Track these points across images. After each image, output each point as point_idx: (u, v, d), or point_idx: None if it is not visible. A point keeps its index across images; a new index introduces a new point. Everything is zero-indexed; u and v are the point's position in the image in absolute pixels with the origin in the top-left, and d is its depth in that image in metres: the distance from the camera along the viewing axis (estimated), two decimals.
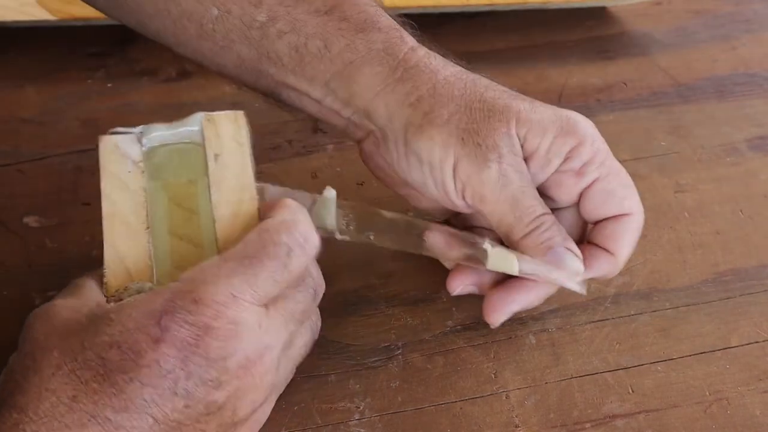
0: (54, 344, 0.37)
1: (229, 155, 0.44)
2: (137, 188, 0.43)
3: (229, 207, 0.43)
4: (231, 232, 0.42)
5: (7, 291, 0.52)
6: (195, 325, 0.37)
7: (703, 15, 0.69)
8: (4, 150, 0.58)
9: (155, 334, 0.36)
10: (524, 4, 0.66)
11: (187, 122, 0.45)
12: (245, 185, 0.43)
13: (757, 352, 0.50)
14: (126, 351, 0.36)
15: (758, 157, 0.60)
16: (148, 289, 0.40)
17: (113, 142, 0.45)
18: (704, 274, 0.54)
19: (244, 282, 0.38)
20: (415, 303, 0.52)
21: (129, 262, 0.41)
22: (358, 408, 0.47)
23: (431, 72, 0.47)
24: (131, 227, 0.42)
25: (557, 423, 0.47)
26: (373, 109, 0.47)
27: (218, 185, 0.43)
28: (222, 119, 0.45)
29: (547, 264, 0.46)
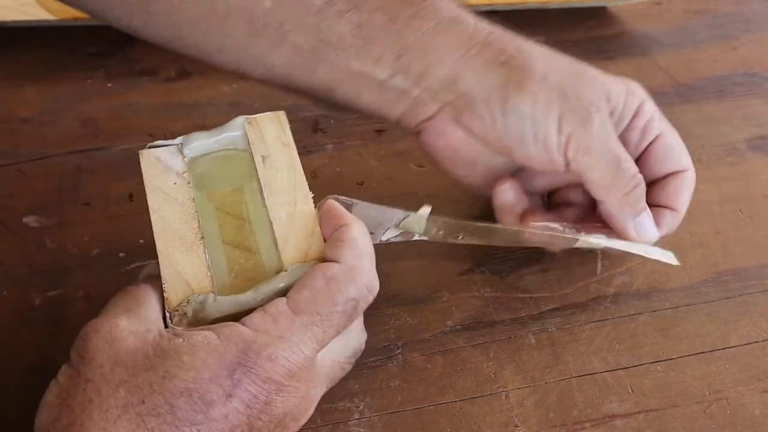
0: (121, 379, 0.36)
1: (276, 156, 0.44)
2: (185, 200, 0.43)
3: (284, 208, 0.42)
4: (289, 233, 0.42)
5: (7, 291, 0.52)
6: (267, 382, 0.37)
7: (703, 15, 0.69)
8: (4, 150, 0.58)
9: (228, 387, 0.36)
10: (524, 4, 0.66)
11: (227, 128, 0.45)
12: (297, 184, 0.43)
13: (757, 351, 0.50)
14: (197, 401, 0.36)
15: (758, 157, 0.60)
16: (212, 300, 0.39)
17: (154, 156, 0.44)
18: (704, 274, 0.54)
19: (315, 341, 0.39)
20: (415, 303, 0.52)
21: (188, 275, 0.41)
22: (358, 408, 0.47)
23: (509, 37, 0.48)
24: (185, 240, 0.42)
25: (557, 423, 0.47)
26: (457, 74, 0.46)
27: (270, 187, 0.43)
28: (264, 121, 0.45)
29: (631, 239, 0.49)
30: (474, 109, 0.47)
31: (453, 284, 0.52)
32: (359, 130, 0.60)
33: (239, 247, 0.42)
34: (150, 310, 0.39)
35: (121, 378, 0.36)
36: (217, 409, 0.36)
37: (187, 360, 0.36)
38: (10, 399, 0.48)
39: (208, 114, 0.60)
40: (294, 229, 0.42)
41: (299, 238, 0.41)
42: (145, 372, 0.36)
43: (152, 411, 0.35)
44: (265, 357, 0.37)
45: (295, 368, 0.38)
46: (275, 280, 0.40)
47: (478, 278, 0.53)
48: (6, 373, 0.48)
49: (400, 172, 0.58)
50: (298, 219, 0.42)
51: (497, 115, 0.46)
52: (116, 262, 0.53)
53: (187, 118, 0.60)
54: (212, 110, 0.60)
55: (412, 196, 0.56)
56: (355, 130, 0.60)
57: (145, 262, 0.52)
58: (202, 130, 0.45)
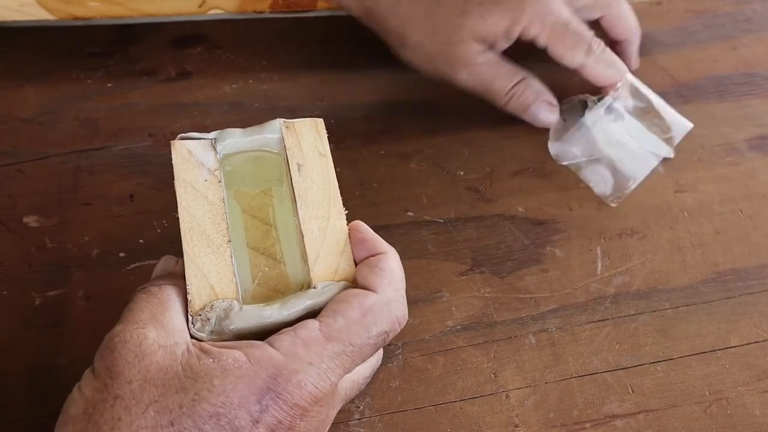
0: (151, 399, 0.35)
1: (312, 166, 0.43)
2: (216, 199, 0.41)
3: (317, 222, 0.41)
4: (320, 249, 0.41)
5: (7, 291, 0.52)
6: (294, 408, 0.37)
7: (703, 15, 0.69)
8: (4, 150, 0.58)
9: (255, 412, 0.36)
10: None
11: (264, 129, 0.44)
12: (332, 199, 0.42)
13: (757, 351, 0.50)
14: (225, 426, 0.35)
15: (758, 157, 0.60)
16: (237, 309, 0.39)
17: (186, 149, 0.43)
18: (704, 274, 0.54)
19: (343, 369, 0.39)
20: (415, 303, 0.52)
21: (213, 279, 0.40)
22: (358, 408, 0.47)
23: None
24: (212, 242, 0.40)
25: (557, 423, 0.47)
26: None
27: (304, 198, 0.42)
28: (302, 127, 0.44)
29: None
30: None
31: (453, 284, 0.52)
32: (359, 130, 0.60)
33: (264, 253, 0.42)
34: (175, 318, 0.39)
35: (152, 398, 0.35)
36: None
37: (217, 384, 0.36)
38: (11, 399, 0.48)
39: (208, 114, 0.60)
40: (325, 246, 0.41)
41: (330, 255, 0.40)
42: (176, 393, 0.36)
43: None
44: (294, 384, 0.37)
45: (320, 395, 0.38)
46: (303, 296, 0.40)
47: (478, 278, 0.53)
48: (6, 373, 0.48)
49: (400, 172, 0.58)
50: (330, 235, 0.41)
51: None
52: (116, 262, 0.53)
53: (187, 118, 0.60)
54: (212, 110, 0.60)
55: (412, 196, 0.56)
56: (355, 130, 0.60)
57: (144, 262, 0.52)
58: (236, 128, 0.44)
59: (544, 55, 0.57)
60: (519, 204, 0.56)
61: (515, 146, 0.59)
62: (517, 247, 0.54)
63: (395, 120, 0.61)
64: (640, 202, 0.57)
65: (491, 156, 0.59)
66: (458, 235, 0.55)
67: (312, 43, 0.65)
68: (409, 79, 0.63)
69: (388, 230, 0.55)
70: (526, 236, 0.55)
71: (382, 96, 0.62)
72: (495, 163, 0.58)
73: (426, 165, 0.58)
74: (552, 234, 0.55)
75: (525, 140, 0.60)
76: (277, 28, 0.65)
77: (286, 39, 0.65)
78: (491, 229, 0.55)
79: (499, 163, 0.58)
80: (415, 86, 0.62)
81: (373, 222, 0.55)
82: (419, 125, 0.60)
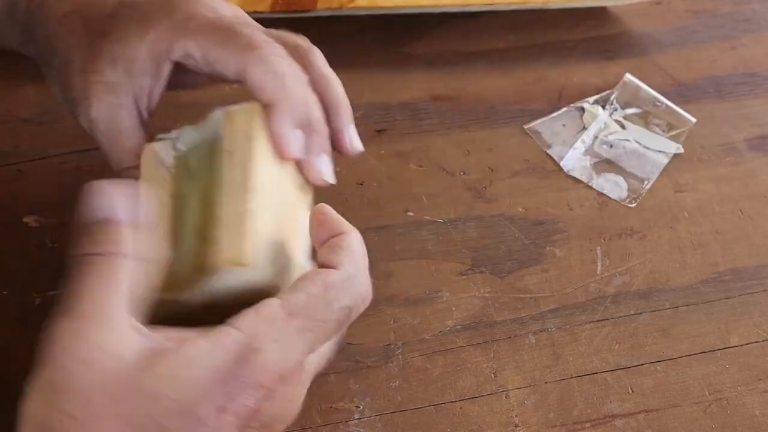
0: (108, 411, 0.33)
1: (239, 152, 0.42)
2: (167, 197, 0.42)
3: (231, 206, 0.41)
4: (232, 233, 0.40)
5: (7, 291, 0.52)
6: (258, 390, 0.35)
7: (703, 15, 0.69)
8: (4, 150, 0.58)
9: (221, 400, 0.34)
10: (524, 4, 0.66)
11: (209, 121, 0.44)
12: (249, 183, 0.41)
13: (757, 351, 0.50)
14: (191, 420, 0.34)
15: (758, 157, 0.60)
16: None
17: (153, 150, 0.44)
18: (704, 274, 0.54)
19: (307, 346, 0.37)
20: (415, 303, 0.52)
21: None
22: (358, 408, 0.47)
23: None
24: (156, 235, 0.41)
25: (557, 423, 0.47)
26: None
27: (228, 183, 0.41)
28: (238, 113, 0.43)
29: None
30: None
31: (453, 284, 0.52)
32: (359, 130, 0.60)
33: (207, 238, 0.41)
34: (120, 308, 0.36)
35: (107, 409, 0.33)
36: (210, 425, 0.34)
37: (180, 376, 0.34)
38: (11, 399, 0.48)
39: (208, 114, 0.60)
40: (233, 229, 0.40)
41: (234, 239, 0.40)
42: (133, 398, 0.34)
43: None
44: (259, 364, 0.35)
45: (286, 373, 0.36)
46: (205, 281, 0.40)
47: (478, 278, 0.53)
48: (6, 373, 0.48)
49: (400, 172, 0.58)
50: (239, 219, 0.40)
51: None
52: None
53: (187, 119, 0.60)
54: (211, 110, 0.60)
55: (412, 196, 0.56)
56: None
57: None
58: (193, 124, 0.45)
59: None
60: (519, 204, 0.56)
61: (515, 146, 0.59)
62: (517, 247, 0.54)
63: (395, 120, 0.61)
64: (640, 202, 0.57)
65: (491, 156, 0.59)
66: (458, 235, 0.55)
67: (312, 43, 0.65)
68: (409, 79, 0.63)
69: (388, 230, 0.55)
70: (526, 236, 0.55)
71: (382, 96, 0.62)
72: (495, 163, 0.58)
73: (426, 165, 0.58)
74: (552, 234, 0.55)
75: (525, 140, 0.60)
76: (277, 28, 0.65)
77: None
78: (491, 229, 0.55)
79: (499, 163, 0.58)
80: (415, 86, 0.62)
81: (373, 222, 0.55)
82: (419, 125, 0.60)
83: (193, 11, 0.44)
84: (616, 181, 0.57)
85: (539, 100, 0.62)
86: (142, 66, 0.44)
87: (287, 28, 0.59)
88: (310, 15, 0.64)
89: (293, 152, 0.42)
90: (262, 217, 0.41)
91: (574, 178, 0.58)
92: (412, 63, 0.64)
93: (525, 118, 0.61)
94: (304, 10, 0.64)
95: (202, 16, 0.44)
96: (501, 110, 0.61)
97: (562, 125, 0.60)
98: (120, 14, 0.45)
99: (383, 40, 0.65)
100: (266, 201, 0.41)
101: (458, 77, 0.63)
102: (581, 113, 0.61)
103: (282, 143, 0.42)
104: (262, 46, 0.43)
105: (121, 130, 0.45)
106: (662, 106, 0.61)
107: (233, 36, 0.43)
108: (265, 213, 0.41)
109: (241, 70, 0.43)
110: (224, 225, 0.41)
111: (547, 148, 0.59)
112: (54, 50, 0.46)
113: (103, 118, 0.45)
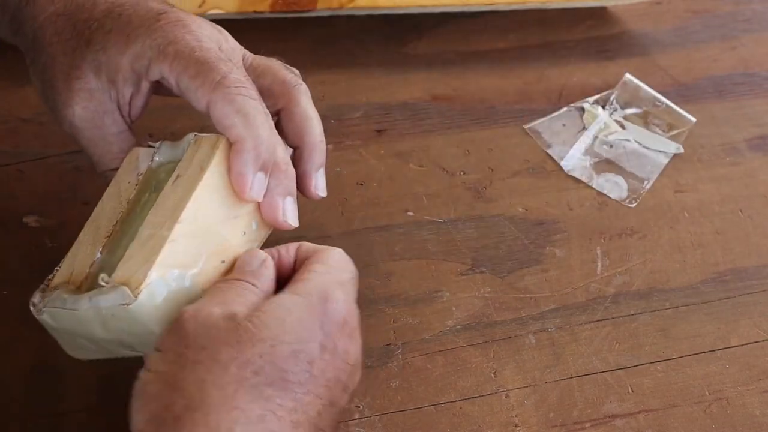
0: (230, 357, 0.37)
1: (186, 178, 0.42)
2: (123, 199, 0.44)
3: (151, 229, 0.40)
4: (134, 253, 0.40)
5: (7, 291, 0.52)
6: (344, 327, 0.40)
7: (703, 15, 0.69)
8: (4, 150, 0.58)
9: (321, 340, 0.38)
10: (524, 4, 0.66)
11: (183, 141, 0.44)
12: (176, 210, 0.40)
13: (757, 351, 0.50)
14: (302, 360, 0.38)
15: (758, 157, 0.60)
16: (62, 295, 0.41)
17: (137, 154, 0.45)
18: (704, 274, 0.54)
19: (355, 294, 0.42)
20: (415, 303, 0.52)
21: (77, 266, 0.42)
22: (358, 407, 0.47)
23: None
24: (97, 234, 0.43)
25: (557, 423, 0.47)
26: None
27: (160, 204, 0.41)
28: (204, 141, 0.43)
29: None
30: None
31: (453, 284, 0.52)
32: (359, 130, 0.60)
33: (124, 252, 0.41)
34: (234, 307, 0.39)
35: (230, 356, 0.36)
36: (317, 365, 0.38)
37: (288, 322, 0.38)
38: (11, 398, 0.48)
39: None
40: (141, 251, 0.40)
41: (136, 261, 0.40)
42: (252, 346, 0.37)
43: (266, 380, 0.36)
44: (338, 305, 0.39)
45: (353, 311, 0.41)
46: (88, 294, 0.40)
47: (478, 278, 0.53)
48: (6, 372, 0.48)
49: (400, 172, 0.58)
50: (150, 242, 0.40)
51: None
52: None
53: (187, 118, 0.60)
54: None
55: (412, 196, 0.56)
56: (355, 130, 0.60)
57: None
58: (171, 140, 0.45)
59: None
60: (519, 204, 0.56)
61: (515, 146, 0.59)
62: (517, 247, 0.54)
63: (395, 120, 0.61)
64: (640, 202, 0.57)
65: (491, 156, 0.59)
66: (458, 235, 0.55)
67: (312, 43, 0.65)
68: (409, 79, 0.63)
69: (388, 230, 0.55)
70: (526, 236, 0.55)
71: (382, 96, 0.62)
72: (495, 163, 0.58)
73: (426, 165, 0.58)
74: (552, 234, 0.55)
75: (525, 140, 0.60)
76: (277, 28, 0.65)
77: (286, 39, 0.64)
78: (491, 229, 0.55)
79: (499, 163, 0.58)
80: (415, 86, 0.62)
81: (373, 222, 0.55)
82: (419, 125, 0.60)
83: (174, 37, 0.43)
84: (616, 181, 0.57)
85: (539, 100, 0.62)
86: (124, 76, 0.45)
87: (287, 28, 0.59)
88: (310, 15, 0.64)
89: (251, 194, 0.42)
90: (177, 250, 0.40)
91: (574, 178, 0.58)
92: (412, 63, 0.64)
93: (525, 118, 0.61)
94: (304, 10, 0.64)
95: (183, 42, 0.43)
96: (501, 110, 0.61)
97: (562, 125, 0.60)
98: (106, 24, 0.45)
99: (383, 40, 0.65)
100: (191, 237, 0.40)
101: (458, 77, 0.63)
102: (581, 113, 0.61)
103: (240, 183, 0.42)
104: (232, 84, 0.42)
105: (105, 136, 0.46)
106: (662, 106, 0.61)
107: (207, 70, 0.43)
108: (187, 247, 0.40)
109: (208, 105, 0.43)
110: (137, 244, 0.40)
111: (547, 148, 0.59)
112: (41, 47, 0.46)
113: (87, 125, 0.46)
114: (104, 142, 0.46)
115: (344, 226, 0.55)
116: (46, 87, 0.46)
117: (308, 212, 0.55)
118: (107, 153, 0.46)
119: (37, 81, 0.47)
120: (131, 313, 0.39)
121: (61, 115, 0.46)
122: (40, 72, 0.47)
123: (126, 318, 0.39)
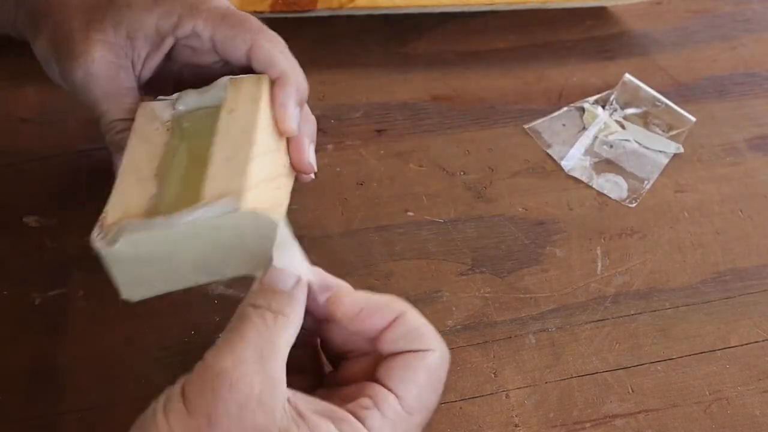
0: None
1: (242, 110, 0.44)
2: (158, 143, 0.44)
3: (225, 153, 0.42)
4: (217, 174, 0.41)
5: (7, 291, 0.52)
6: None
7: (703, 15, 0.69)
8: (4, 150, 0.58)
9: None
10: (524, 4, 0.66)
11: (214, 86, 0.46)
12: (248, 137, 0.42)
13: (757, 351, 0.50)
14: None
15: (758, 157, 0.60)
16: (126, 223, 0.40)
17: (150, 108, 0.46)
18: (704, 274, 0.54)
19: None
20: (415, 303, 0.51)
21: (130, 205, 0.42)
22: None
23: None
24: (140, 174, 0.43)
25: (557, 422, 0.47)
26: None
27: (223, 133, 0.43)
28: (245, 80, 0.45)
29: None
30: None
31: (453, 284, 0.52)
32: (359, 130, 0.60)
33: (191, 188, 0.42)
34: (279, 366, 0.37)
35: None
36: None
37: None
38: (11, 399, 0.48)
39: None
40: (224, 172, 0.41)
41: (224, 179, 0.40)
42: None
43: None
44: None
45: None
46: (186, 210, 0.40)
47: (478, 278, 0.53)
48: (6, 372, 0.48)
49: (400, 172, 0.58)
50: (232, 164, 0.41)
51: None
52: None
53: None
54: None
55: (412, 196, 0.56)
56: (355, 130, 0.60)
57: None
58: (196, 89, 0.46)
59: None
60: (519, 204, 0.56)
61: (515, 146, 0.59)
62: (517, 247, 0.54)
63: (395, 120, 0.61)
64: (640, 202, 0.57)
65: (491, 156, 0.59)
66: (458, 235, 0.55)
67: (312, 43, 0.65)
68: (409, 79, 0.63)
69: (388, 230, 0.55)
70: (526, 236, 0.55)
71: (382, 96, 0.62)
72: (495, 163, 0.58)
73: (426, 165, 0.58)
74: (552, 234, 0.55)
75: (525, 140, 0.60)
76: (277, 28, 0.65)
77: (286, 39, 0.64)
78: (491, 229, 0.55)
79: (499, 163, 0.58)
80: (415, 86, 0.62)
81: (373, 222, 0.55)
82: (419, 125, 0.60)
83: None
84: (616, 181, 0.57)
85: (539, 100, 0.62)
86: (146, 34, 0.46)
87: (287, 28, 0.59)
88: (310, 15, 0.64)
89: (292, 125, 0.45)
90: (259, 169, 0.41)
91: (574, 178, 0.58)
92: (412, 63, 0.64)
93: (525, 118, 0.61)
94: (304, 10, 0.64)
95: (213, 3, 0.46)
96: (501, 110, 0.61)
97: (562, 125, 0.60)
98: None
99: (383, 40, 0.65)
100: (263, 159, 0.42)
101: (458, 77, 0.63)
102: (581, 113, 0.61)
103: (285, 115, 0.44)
104: (269, 31, 0.46)
105: (119, 88, 0.47)
106: (662, 106, 0.61)
107: (245, 19, 0.46)
108: (261, 168, 0.42)
109: (252, 46, 0.45)
110: (215, 169, 0.41)
111: (547, 148, 0.59)
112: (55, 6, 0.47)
113: (104, 74, 0.47)
114: (118, 93, 0.47)
115: (344, 226, 0.55)
116: (59, 41, 0.47)
117: (308, 212, 0.55)
118: (119, 104, 0.47)
119: (43, 41, 0.48)
120: (236, 219, 0.39)
121: (75, 65, 0.46)
122: (51, 31, 0.47)
123: (227, 227, 0.39)
